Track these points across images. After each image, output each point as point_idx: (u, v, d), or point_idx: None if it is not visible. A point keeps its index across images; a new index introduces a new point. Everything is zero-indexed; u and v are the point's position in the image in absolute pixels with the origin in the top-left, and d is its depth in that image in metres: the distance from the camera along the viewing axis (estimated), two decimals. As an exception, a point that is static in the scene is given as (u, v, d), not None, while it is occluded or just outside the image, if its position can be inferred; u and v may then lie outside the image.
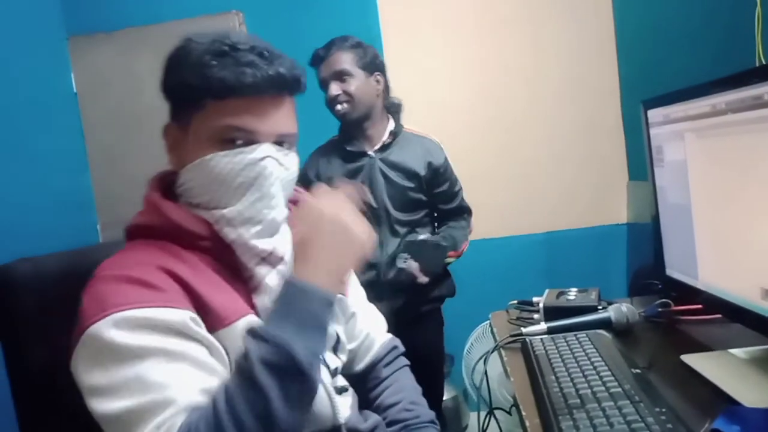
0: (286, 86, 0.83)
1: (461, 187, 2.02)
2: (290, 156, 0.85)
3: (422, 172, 1.87)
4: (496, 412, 1.23)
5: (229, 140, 0.80)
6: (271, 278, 0.83)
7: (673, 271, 1.12)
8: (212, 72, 0.78)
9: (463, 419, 2.70)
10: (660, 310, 1.20)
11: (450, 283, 2.02)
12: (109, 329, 0.69)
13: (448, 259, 1.92)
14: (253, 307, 0.82)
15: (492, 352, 1.16)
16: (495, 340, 1.25)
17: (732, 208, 0.89)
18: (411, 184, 1.87)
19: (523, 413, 0.86)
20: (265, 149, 0.80)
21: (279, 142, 0.83)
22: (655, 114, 1.11)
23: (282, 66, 0.81)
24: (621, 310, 1.14)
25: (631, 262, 2.78)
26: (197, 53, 0.80)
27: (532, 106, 2.86)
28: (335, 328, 0.95)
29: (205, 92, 0.79)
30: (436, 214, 2.03)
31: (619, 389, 0.81)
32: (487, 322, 1.42)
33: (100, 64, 2.85)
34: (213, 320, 0.76)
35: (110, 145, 2.87)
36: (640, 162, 1.75)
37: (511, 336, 1.16)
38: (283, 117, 0.83)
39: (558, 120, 2.85)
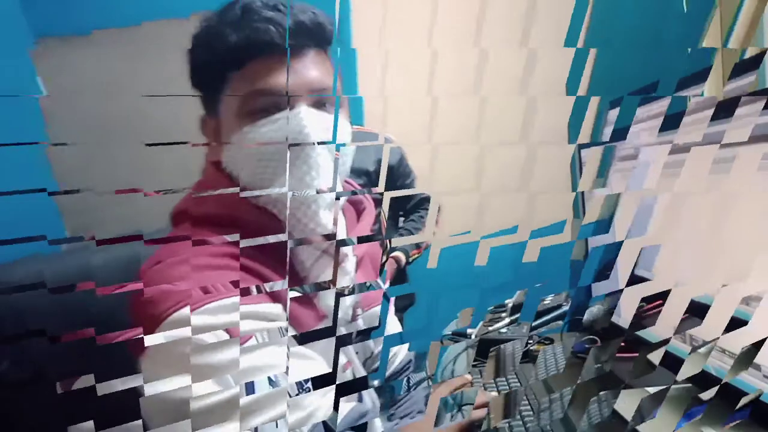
0: (310, 36, 0.71)
1: (415, 177, 1.99)
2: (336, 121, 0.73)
3: (372, 167, 1.85)
4: (464, 409, 1.23)
5: (259, 110, 0.69)
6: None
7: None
8: (228, 42, 0.67)
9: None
10: (587, 346, 1.19)
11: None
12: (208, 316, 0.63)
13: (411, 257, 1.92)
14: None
15: (462, 352, 1.16)
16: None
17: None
18: (360, 181, 1.85)
19: (492, 415, 0.88)
20: (301, 110, 0.69)
21: (317, 104, 0.72)
22: (614, 114, 1.13)
23: (303, 14, 0.70)
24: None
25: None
26: (211, 27, 0.69)
27: (506, 106, 2.88)
28: (372, 345, 0.90)
29: (226, 65, 0.69)
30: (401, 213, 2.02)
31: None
32: (455, 320, 1.42)
33: (72, 67, 2.78)
34: None
35: (80, 154, 2.80)
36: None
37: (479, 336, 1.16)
38: (311, 69, 0.71)
39: (528, 121, 2.88)
